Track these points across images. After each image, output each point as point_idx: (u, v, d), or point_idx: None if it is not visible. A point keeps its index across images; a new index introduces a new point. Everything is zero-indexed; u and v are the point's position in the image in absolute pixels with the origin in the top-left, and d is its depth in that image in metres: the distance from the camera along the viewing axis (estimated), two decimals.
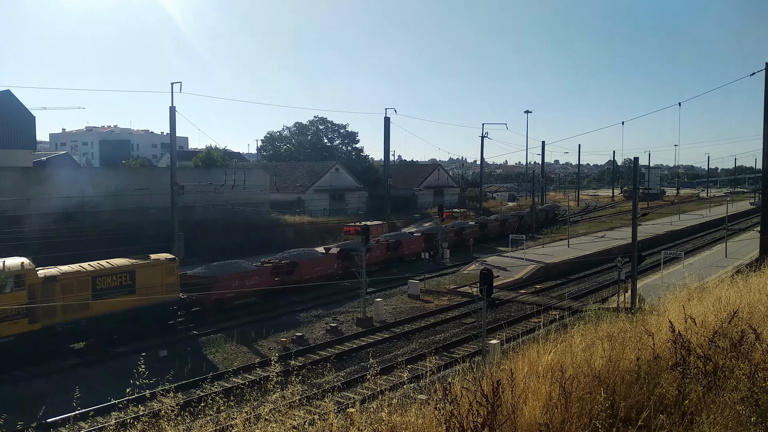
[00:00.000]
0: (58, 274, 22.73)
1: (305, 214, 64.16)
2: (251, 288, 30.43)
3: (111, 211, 42.91)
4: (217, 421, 15.38)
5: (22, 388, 19.45)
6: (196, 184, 45.46)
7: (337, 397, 16.29)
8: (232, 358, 23.00)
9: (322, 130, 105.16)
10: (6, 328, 20.56)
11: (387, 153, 64.09)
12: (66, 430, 16.00)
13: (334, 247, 39.32)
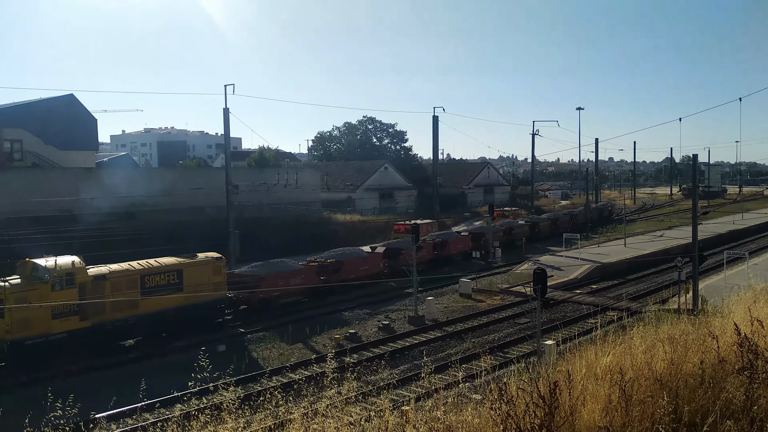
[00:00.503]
0: (108, 272, 23.30)
1: (355, 213, 64.70)
2: (297, 287, 30.85)
3: (168, 210, 44.32)
4: (276, 415, 15.74)
5: (88, 379, 20.21)
6: (250, 183, 46.51)
7: (392, 395, 16.45)
8: (288, 354, 23.43)
9: (371, 129, 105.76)
10: (58, 325, 21.21)
11: (436, 151, 64.02)
12: (132, 421, 16.64)
13: (380, 247, 39.37)
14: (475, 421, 9.62)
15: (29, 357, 20.50)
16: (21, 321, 20.46)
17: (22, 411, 14.73)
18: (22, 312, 20.35)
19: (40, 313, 20.60)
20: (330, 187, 69.59)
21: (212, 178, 49.42)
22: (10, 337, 20.15)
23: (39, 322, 20.73)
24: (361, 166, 79.52)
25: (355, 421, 13.19)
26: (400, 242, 40.38)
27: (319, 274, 32.69)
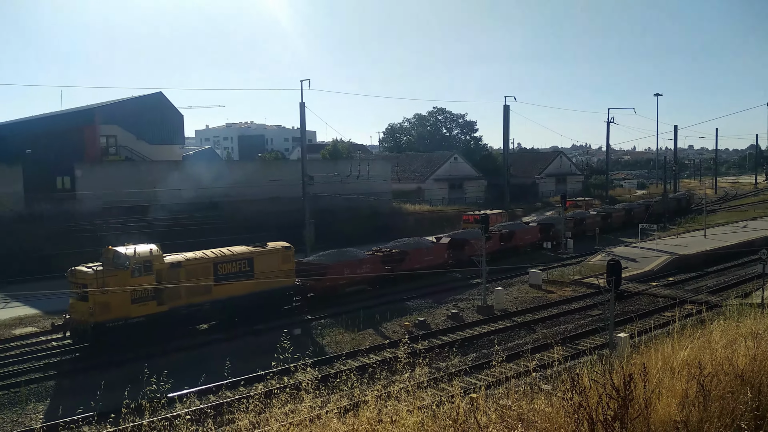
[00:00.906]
0: (183, 260, 24.18)
1: (425, 203, 65.08)
2: (362, 276, 31.34)
3: (249, 200, 46.22)
4: (351, 396, 16.40)
5: (177, 358, 21.53)
6: (324, 175, 47.79)
7: (462, 382, 16.77)
8: (360, 339, 24.12)
9: (441, 120, 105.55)
10: (136, 309, 22.23)
11: (506, 141, 63.33)
12: (214, 398, 17.71)
13: (445, 237, 39.26)
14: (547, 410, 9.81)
15: (110, 338, 21.71)
16: (103, 304, 21.54)
17: (122, 385, 16.07)
18: (103, 296, 21.42)
19: (120, 297, 21.72)
20: (400, 178, 70.22)
21: (289, 170, 51.03)
22: (93, 319, 21.28)
23: (119, 306, 21.84)
24: (430, 157, 79.65)
25: (426, 406, 13.65)
26: (466, 233, 40.27)
27: (383, 264, 33.08)
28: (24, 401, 17.92)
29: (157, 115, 57.67)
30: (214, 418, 14.89)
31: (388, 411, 13.49)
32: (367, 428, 12.53)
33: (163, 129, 58.09)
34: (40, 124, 61.57)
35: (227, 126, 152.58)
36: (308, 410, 13.34)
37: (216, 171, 49.83)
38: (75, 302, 22.29)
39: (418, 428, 11.84)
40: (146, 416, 15.27)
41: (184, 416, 13.61)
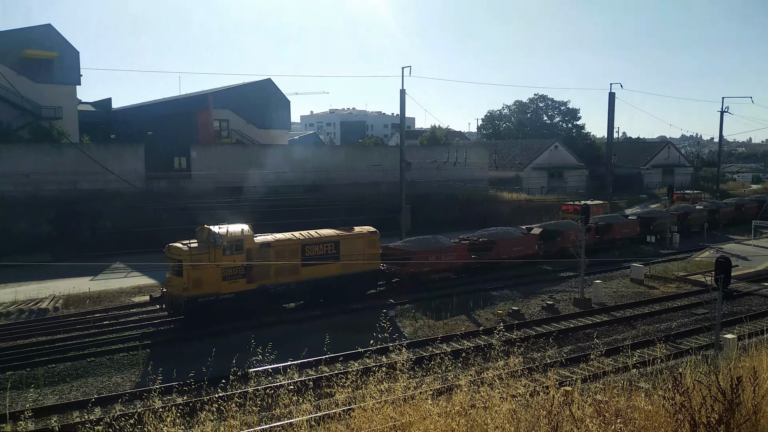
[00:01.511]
0: (273, 241, 24.91)
1: (522, 192, 64.01)
2: (447, 263, 31.03)
3: (348, 184, 47.53)
4: (444, 379, 16.76)
5: (281, 331, 22.75)
6: (421, 161, 48.17)
7: (556, 374, 16.70)
8: (452, 325, 24.43)
9: (542, 107, 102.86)
10: (227, 286, 23.17)
11: (611, 130, 60.87)
12: (313, 372, 18.64)
13: (536, 228, 38.30)
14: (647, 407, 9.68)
15: (201, 313, 22.85)
16: (196, 280, 22.48)
17: (230, 353, 17.29)
18: (197, 272, 22.41)
19: (212, 274, 22.72)
20: (498, 166, 69.34)
21: (387, 155, 51.85)
22: (187, 294, 22.32)
23: (211, 282, 22.79)
24: (530, 145, 78.02)
25: (519, 395, 13.77)
26: (558, 224, 39.24)
27: (470, 253, 32.69)
28: (141, 363, 19.67)
29: (266, 101, 60.28)
30: (313, 390, 15.79)
31: (481, 397, 13.77)
32: (459, 412, 12.87)
33: (271, 114, 60.68)
34: (160, 108, 66.06)
35: (330, 112, 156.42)
36: (403, 390, 13.85)
37: (318, 155, 51.59)
38: (171, 277, 23.59)
39: (511, 416, 12.02)
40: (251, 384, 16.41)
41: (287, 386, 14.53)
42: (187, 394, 14.59)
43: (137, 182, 39.96)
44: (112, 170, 30.32)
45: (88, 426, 12.14)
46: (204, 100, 58.40)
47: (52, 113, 47.99)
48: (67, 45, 50.15)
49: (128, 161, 41.54)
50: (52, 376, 18.62)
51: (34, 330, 22.97)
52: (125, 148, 44.39)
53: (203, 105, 57.77)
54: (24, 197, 37.94)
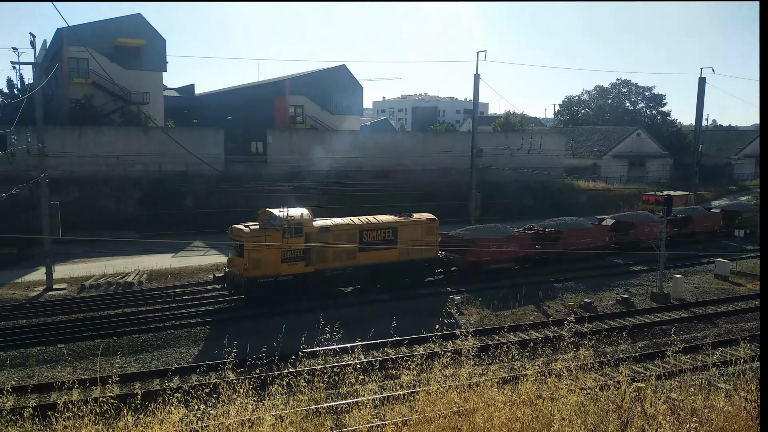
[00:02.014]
0: (331, 225, 25.21)
1: (600, 181, 62.05)
2: (509, 253, 30.19)
3: (418, 170, 47.59)
4: (510, 368, 16.63)
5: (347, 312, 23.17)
6: (494, 147, 47.53)
7: (629, 369, 16.24)
8: (520, 315, 24.14)
9: (625, 93, 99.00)
10: (285, 268, 23.63)
11: (699, 116, 57.77)
12: (378, 353, 18.89)
13: (608, 219, 36.73)
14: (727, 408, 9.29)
15: (260, 293, 23.38)
16: (256, 261, 22.97)
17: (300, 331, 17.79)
18: (257, 254, 22.91)
19: (271, 256, 23.20)
20: (575, 153, 67.39)
21: (459, 141, 51.46)
22: (248, 274, 22.88)
23: (270, 264, 23.28)
24: (610, 132, 75.32)
25: (589, 388, 13.49)
26: (632, 215, 37.60)
27: (534, 243, 31.64)
28: (217, 337, 20.56)
29: (340, 87, 61.00)
30: (379, 371, 16.07)
31: (548, 388, 13.60)
32: (525, 401, 12.77)
33: (344, 100, 61.42)
34: (239, 94, 68.15)
35: (402, 98, 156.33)
36: (467, 376, 13.86)
37: (389, 141, 51.84)
38: (233, 257, 24.19)
39: (579, 409, 11.82)
40: (320, 361, 16.88)
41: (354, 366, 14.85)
42: (259, 367, 15.19)
43: (217, 165, 41.48)
44: (194, 153, 31.60)
45: (168, 393, 12.86)
46: (281, 87, 59.77)
47: (141, 98, 50.42)
48: (155, 33, 52.41)
49: (209, 145, 43.20)
50: (135, 346, 19.81)
51: (121, 302, 24.48)
52: (206, 133, 46.18)
53: (280, 91, 59.17)
54: (114, 178, 40.23)
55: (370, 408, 12.37)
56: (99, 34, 48.29)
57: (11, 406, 11.85)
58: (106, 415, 11.73)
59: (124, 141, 41.79)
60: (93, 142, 40.44)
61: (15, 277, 28.28)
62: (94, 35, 47.31)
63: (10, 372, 17.54)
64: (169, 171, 41.62)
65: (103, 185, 39.65)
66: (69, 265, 30.47)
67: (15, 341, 19.60)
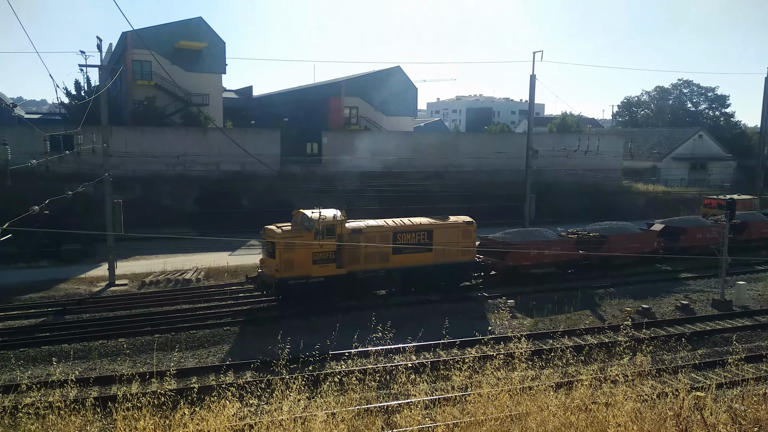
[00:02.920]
0: (365, 227, 24.79)
1: (659, 183, 60.20)
2: (550, 258, 29.21)
3: (472, 171, 47.28)
4: (564, 373, 16.34)
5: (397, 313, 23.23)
6: (549, 149, 46.71)
7: (687, 378, 15.72)
8: (575, 319, 23.67)
9: (686, 93, 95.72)
10: (317, 270, 23.36)
11: (765, 117, 55.29)
12: (429, 354, 18.85)
13: (658, 223, 34.96)
14: None
15: (291, 294, 23.34)
16: (287, 262, 22.85)
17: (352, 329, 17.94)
18: (288, 254, 22.80)
19: (303, 257, 23.04)
20: (633, 155, 65.52)
21: (514, 142, 50.86)
22: (279, 275, 22.75)
23: (302, 265, 23.10)
24: (670, 133, 72.96)
25: (647, 395, 13.13)
26: (684, 220, 35.82)
27: (578, 247, 30.38)
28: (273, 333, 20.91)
29: (394, 88, 61.22)
30: (430, 371, 16.04)
31: (603, 393, 13.30)
32: (579, 406, 12.53)
33: (398, 101, 61.59)
34: (295, 95, 69.26)
35: (456, 99, 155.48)
36: (520, 379, 13.69)
37: (442, 142, 51.70)
38: (265, 258, 24.16)
39: (635, 416, 11.54)
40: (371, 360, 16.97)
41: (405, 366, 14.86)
42: (311, 364, 15.39)
43: (273, 165, 42.24)
44: (251, 153, 32.29)
45: (223, 387, 13.18)
46: (336, 88, 60.41)
47: (201, 100, 51.86)
48: (215, 36, 53.84)
49: (265, 145, 44.04)
50: (192, 341, 20.38)
51: (179, 298, 25.23)
52: (263, 133, 47.13)
53: (335, 93, 59.81)
54: (174, 176, 41.50)
55: (421, 408, 12.37)
56: (162, 38, 49.95)
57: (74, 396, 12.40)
58: (163, 407, 12.13)
59: (184, 141, 43.08)
60: (154, 142, 41.83)
61: (79, 273, 29.55)
62: (157, 38, 48.97)
63: (74, 364, 18.33)
64: (226, 171, 42.68)
65: (164, 184, 40.94)
66: (130, 262, 31.62)
67: (79, 334, 20.47)
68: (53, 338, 20.14)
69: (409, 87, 63.26)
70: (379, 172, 44.69)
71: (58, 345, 19.59)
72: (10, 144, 19.98)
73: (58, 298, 25.31)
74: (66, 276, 28.66)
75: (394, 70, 62.00)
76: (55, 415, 11.49)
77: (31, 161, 19.63)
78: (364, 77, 62.38)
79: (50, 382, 15.11)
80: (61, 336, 20.35)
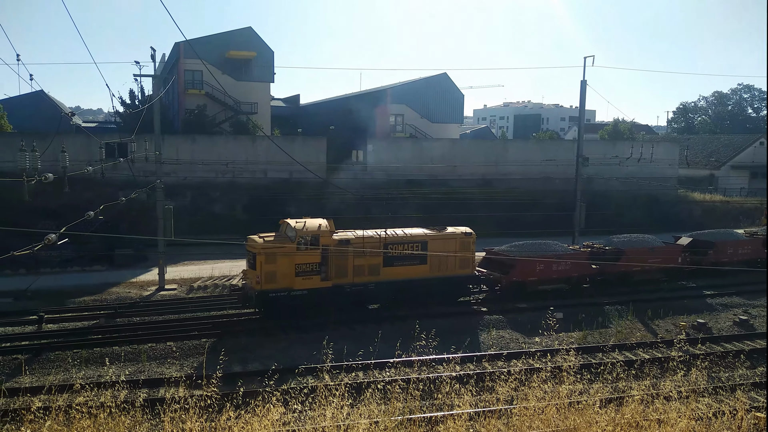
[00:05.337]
0: (353, 238, 23.53)
1: (717, 193, 58.07)
2: (560, 273, 27.51)
3: (520, 179, 46.59)
4: (614, 388, 15.82)
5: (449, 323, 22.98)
6: (601, 156, 45.67)
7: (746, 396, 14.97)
8: (626, 333, 22.97)
9: (747, 99, 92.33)
10: (300, 282, 22.33)
11: None
12: (473, 366, 18.55)
13: (685, 237, 32.92)
14: None
15: (273, 307, 22.50)
16: (269, 274, 21.95)
17: (395, 337, 17.84)
18: (271, 266, 21.90)
19: (285, 269, 22.12)
20: (689, 163, 63.48)
21: (564, 149, 49.92)
22: (259, 287, 21.89)
23: (284, 277, 22.17)
24: (729, 140, 70.41)
25: (702, 413, 12.58)
26: (713, 233, 33.47)
27: (591, 262, 28.59)
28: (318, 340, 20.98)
29: (441, 95, 61.09)
30: (475, 382, 15.76)
31: (655, 410, 12.80)
32: (630, 422, 12.10)
33: (445, 108, 61.37)
34: (342, 103, 69.85)
35: (504, 105, 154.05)
36: (567, 393, 13.31)
37: (489, 149, 51.16)
38: (247, 269, 23.29)
39: None
40: (414, 369, 16.80)
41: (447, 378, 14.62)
42: (355, 371, 15.34)
43: (319, 172, 42.63)
44: (298, 161, 32.62)
45: (267, 392, 13.26)
46: (381, 96, 60.62)
47: (249, 108, 52.86)
48: (264, 45, 54.83)
49: (312, 153, 44.49)
50: (238, 346, 20.59)
51: (226, 303, 25.59)
52: (310, 141, 47.62)
53: (381, 100, 60.01)
54: (224, 183, 42.35)
55: (465, 420, 12.15)
56: (212, 47, 51.15)
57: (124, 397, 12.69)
58: (209, 409, 12.27)
59: (233, 149, 43.91)
60: (205, 150, 42.78)
61: (131, 277, 30.38)
62: (208, 48, 50.18)
63: (125, 365, 18.79)
64: (273, 178, 43.27)
65: (213, 191, 41.81)
66: (179, 267, 32.33)
67: (129, 337, 20.95)
68: (105, 340, 20.72)
69: (455, 94, 62.95)
70: (425, 179, 44.51)
71: (110, 347, 20.13)
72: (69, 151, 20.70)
73: (110, 301, 26.05)
74: (118, 280, 29.50)
75: (441, 77, 61.81)
76: (106, 414, 11.77)
77: (87, 168, 20.29)
78: (410, 84, 62.39)
79: (102, 383, 15.49)
80: (112, 338, 20.91)
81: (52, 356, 19.36)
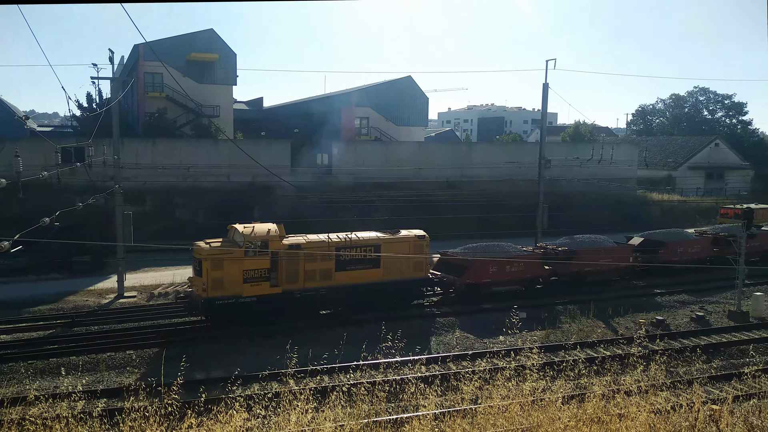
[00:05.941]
0: (304, 242, 23.25)
1: (674, 193, 59.63)
2: (513, 275, 27.61)
3: (484, 181, 47.03)
4: (576, 385, 16.03)
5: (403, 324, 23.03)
6: (563, 158, 46.41)
7: (701, 390, 15.35)
8: (588, 330, 23.35)
9: (702, 101, 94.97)
10: (248, 289, 21.90)
11: None
12: (438, 367, 18.64)
13: (637, 237, 33.36)
14: None
15: (221, 315, 22.11)
16: (216, 281, 21.47)
17: (360, 340, 17.79)
18: (217, 273, 21.43)
19: (232, 276, 21.66)
20: (648, 164, 65.05)
21: (526, 152, 50.56)
22: (206, 295, 21.41)
23: (231, 284, 21.70)
24: (686, 142, 72.39)
25: (661, 407, 12.85)
26: (664, 233, 33.99)
27: (544, 264, 28.79)
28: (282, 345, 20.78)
29: (405, 98, 61.24)
30: (440, 383, 15.81)
31: (616, 405, 13.03)
32: (592, 418, 12.27)
33: (409, 111, 61.59)
34: (306, 106, 69.49)
35: (468, 108, 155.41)
36: (531, 391, 13.45)
37: (453, 152, 51.56)
38: (193, 276, 22.85)
39: (649, 428, 11.29)
40: (380, 371, 16.76)
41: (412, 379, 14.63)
42: (320, 374, 15.21)
43: (284, 176, 42.30)
44: (262, 164, 32.29)
45: (230, 398, 13.05)
46: (346, 99, 60.51)
47: (212, 111, 52.14)
48: (226, 48, 54.19)
49: (276, 156, 44.11)
50: (201, 353, 20.22)
51: None
52: (274, 144, 47.22)
53: (346, 103, 59.90)
54: (186, 188, 41.64)
55: (430, 420, 12.15)
56: (173, 50, 50.29)
57: (81, 407, 12.33)
58: (170, 417, 12.01)
59: (195, 153, 43.26)
60: (166, 154, 42.03)
61: (89, 285, 29.59)
62: (168, 50, 49.29)
63: (82, 375, 18.28)
64: (238, 182, 42.75)
65: (175, 196, 41.09)
66: (139, 274, 31.64)
67: (87, 347, 20.38)
68: (62, 350, 20.12)
69: (419, 97, 63.26)
70: (391, 182, 44.57)
71: (67, 357, 19.56)
72: (22, 156, 20.13)
73: (67, 310, 25.33)
74: (75, 288, 28.72)
75: (405, 80, 62.02)
76: (62, 425, 11.42)
77: (42, 173, 19.75)
78: (375, 87, 62.44)
79: (58, 394, 15.04)
80: (69, 348, 20.31)
81: (5, 368, 18.73)
